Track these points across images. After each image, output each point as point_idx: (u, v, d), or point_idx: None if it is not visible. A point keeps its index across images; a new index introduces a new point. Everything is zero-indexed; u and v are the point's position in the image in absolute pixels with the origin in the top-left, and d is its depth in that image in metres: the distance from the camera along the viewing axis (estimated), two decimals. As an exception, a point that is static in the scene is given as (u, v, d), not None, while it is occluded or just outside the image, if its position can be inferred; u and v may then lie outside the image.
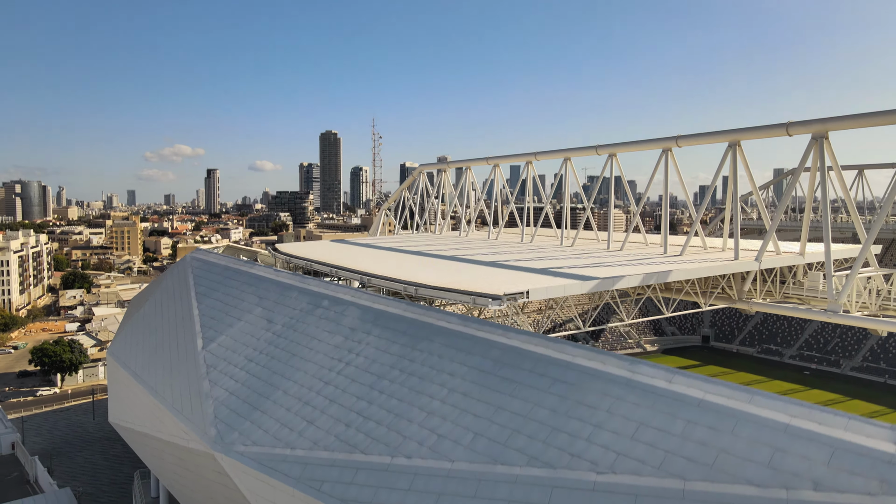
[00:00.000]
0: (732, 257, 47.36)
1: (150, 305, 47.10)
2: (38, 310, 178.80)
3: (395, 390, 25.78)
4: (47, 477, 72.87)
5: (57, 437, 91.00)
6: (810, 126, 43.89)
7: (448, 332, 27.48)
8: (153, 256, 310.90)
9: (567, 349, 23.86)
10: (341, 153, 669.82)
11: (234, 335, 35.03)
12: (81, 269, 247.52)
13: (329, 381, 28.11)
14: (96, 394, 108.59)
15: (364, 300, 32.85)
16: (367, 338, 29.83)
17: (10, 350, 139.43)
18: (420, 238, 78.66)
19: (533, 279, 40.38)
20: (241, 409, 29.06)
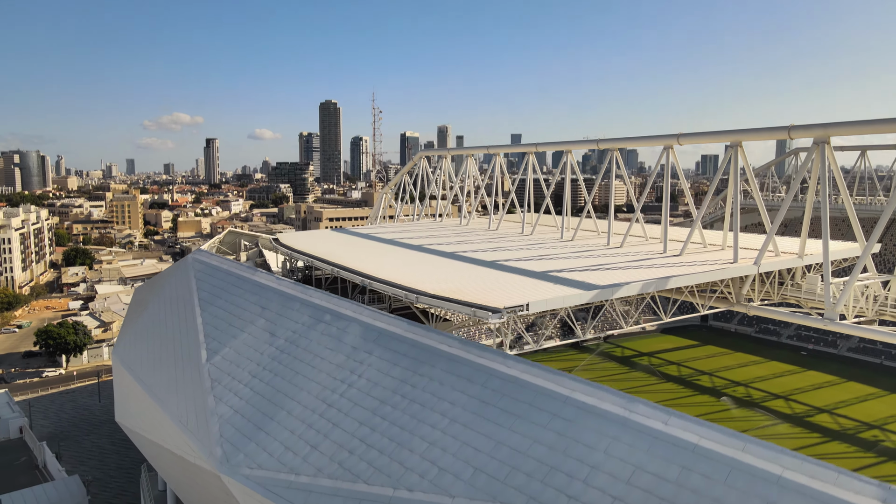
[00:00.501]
0: (731, 257, 47.58)
1: (153, 308, 47.54)
2: (41, 287, 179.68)
3: (397, 417, 26.30)
4: (56, 463, 74.26)
5: (64, 421, 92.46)
6: (812, 130, 43.70)
7: (449, 357, 27.89)
8: (154, 230, 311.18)
9: (565, 382, 24.27)
10: (341, 123, 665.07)
11: (238, 348, 35.50)
12: (83, 243, 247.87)
13: (332, 404, 28.63)
14: (101, 375, 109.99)
15: (366, 317, 33.21)
16: (368, 358, 30.27)
17: (14, 329, 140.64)
18: (421, 227, 78.73)
19: (532, 287, 40.68)
20: (246, 428, 29.65)
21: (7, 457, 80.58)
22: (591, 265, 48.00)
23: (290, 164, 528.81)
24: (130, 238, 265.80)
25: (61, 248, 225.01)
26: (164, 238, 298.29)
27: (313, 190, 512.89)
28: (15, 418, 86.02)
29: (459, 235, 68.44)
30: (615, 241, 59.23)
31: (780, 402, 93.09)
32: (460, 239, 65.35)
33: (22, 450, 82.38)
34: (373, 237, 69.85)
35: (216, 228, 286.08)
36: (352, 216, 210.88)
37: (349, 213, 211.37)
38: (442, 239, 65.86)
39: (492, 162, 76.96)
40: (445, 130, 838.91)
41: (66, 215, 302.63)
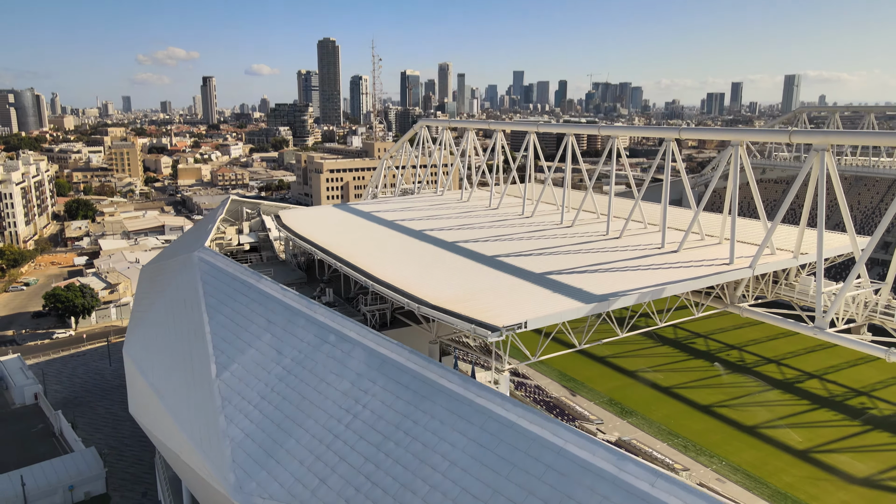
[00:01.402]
0: (728, 251, 48.33)
1: (161, 307, 48.80)
2: (45, 241, 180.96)
3: (400, 455, 27.81)
4: (72, 433, 77.30)
5: (77, 386, 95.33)
6: (812, 136, 43.75)
7: (449, 394, 29.19)
8: (154, 177, 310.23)
9: (561, 432, 25.61)
10: (340, 62, 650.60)
11: (246, 365, 36.85)
12: (84, 193, 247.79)
13: (338, 435, 30.14)
14: (111, 337, 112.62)
15: (369, 340, 34.37)
16: (373, 387, 31.61)
17: (21, 287, 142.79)
18: (422, 203, 79.05)
19: (531, 294, 41.72)
20: (257, 455, 31.30)
21: (24, 424, 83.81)
22: (590, 264, 48.82)
23: (290, 106, 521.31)
24: (131, 187, 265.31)
25: (63, 199, 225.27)
26: (165, 185, 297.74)
27: (313, 132, 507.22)
28: (30, 385, 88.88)
29: (461, 217, 68.93)
30: (615, 225, 59.76)
31: (772, 367, 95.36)
32: (461, 223, 65.90)
33: (38, 416, 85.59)
34: (375, 217, 70.37)
35: (216, 176, 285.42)
36: (352, 167, 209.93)
37: (349, 165, 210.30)
38: (443, 222, 66.43)
39: (493, 138, 76.58)
40: (447, 68, 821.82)
41: (65, 161, 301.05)
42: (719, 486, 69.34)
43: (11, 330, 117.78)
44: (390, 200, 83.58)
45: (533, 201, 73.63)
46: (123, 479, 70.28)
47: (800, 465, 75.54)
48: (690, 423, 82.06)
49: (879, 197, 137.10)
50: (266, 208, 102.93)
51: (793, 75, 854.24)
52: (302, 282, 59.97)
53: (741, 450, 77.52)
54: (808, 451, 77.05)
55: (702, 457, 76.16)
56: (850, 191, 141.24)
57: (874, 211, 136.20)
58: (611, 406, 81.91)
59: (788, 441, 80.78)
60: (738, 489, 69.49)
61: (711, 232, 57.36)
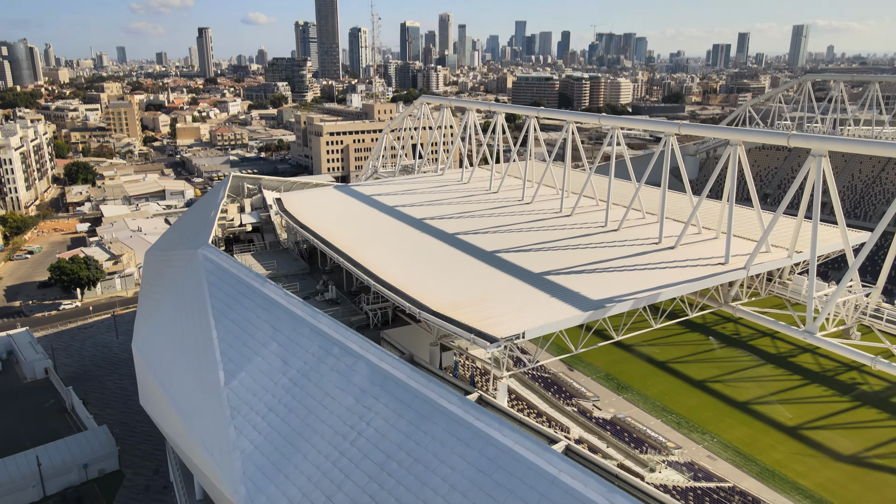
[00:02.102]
0: (723, 252, 49.19)
1: (168, 306, 49.96)
2: (46, 206, 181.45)
3: (402, 476, 29.32)
4: (84, 410, 79.63)
5: (86, 359, 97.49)
6: (810, 141, 44.06)
7: (449, 416, 30.53)
8: (152, 136, 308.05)
9: (555, 461, 26.99)
10: (338, 13, 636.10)
11: (253, 374, 38.19)
12: (83, 154, 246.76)
13: (343, 452, 31.64)
14: (116, 309, 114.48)
15: (372, 355, 35.57)
16: (376, 404, 32.97)
17: (26, 256, 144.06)
18: (423, 185, 79.39)
19: (528, 298, 42.81)
20: (266, 468, 32.89)
21: (36, 399, 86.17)
22: (588, 263, 49.71)
23: (287, 60, 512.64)
24: (130, 147, 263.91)
25: (62, 162, 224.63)
26: (164, 145, 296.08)
27: (312, 87, 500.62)
28: (40, 360, 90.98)
29: (461, 203, 69.44)
30: (614, 214, 60.37)
31: (766, 341, 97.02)
32: (461, 210, 66.47)
33: (49, 392, 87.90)
34: (376, 203, 70.92)
35: (215, 136, 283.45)
36: (352, 130, 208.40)
37: (349, 127, 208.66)
38: (444, 209, 67.01)
39: (493, 121, 76.34)
40: (447, 19, 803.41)
41: (62, 120, 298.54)
42: (710, 463, 71.80)
43: (19, 301, 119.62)
44: (391, 181, 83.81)
45: (533, 183, 73.98)
46: (135, 456, 72.84)
47: (788, 442, 78.02)
48: (684, 398, 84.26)
49: (881, 166, 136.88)
50: (267, 183, 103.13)
51: (801, 25, 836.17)
52: (305, 272, 60.97)
53: (733, 426, 79.93)
54: (797, 428, 79.42)
55: (694, 433, 78.53)
56: (852, 160, 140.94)
57: (874, 181, 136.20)
58: (607, 381, 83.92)
59: (779, 417, 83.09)
60: (728, 466, 71.95)
61: (709, 223, 58.03)
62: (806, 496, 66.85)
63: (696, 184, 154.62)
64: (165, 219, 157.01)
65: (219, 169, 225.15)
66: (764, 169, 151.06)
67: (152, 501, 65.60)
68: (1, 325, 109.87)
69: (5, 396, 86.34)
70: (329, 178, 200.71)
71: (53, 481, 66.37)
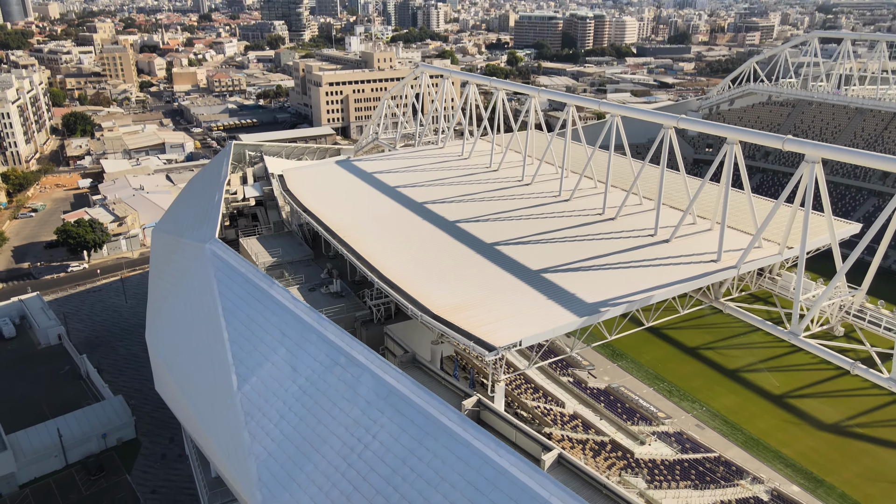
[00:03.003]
0: (716, 247, 50.63)
1: (177, 300, 51.91)
2: (47, 161, 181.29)
3: (406, 491, 31.82)
4: (99, 378, 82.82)
5: (97, 325, 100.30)
6: (805, 147, 44.83)
7: (450, 434, 32.80)
8: (148, 80, 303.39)
9: (548, 485, 29.36)
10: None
11: (265, 379, 40.38)
12: (79, 102, 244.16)
13: (352, 464, 34.10)
14: (124, 271, 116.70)
15: (376, 367, 37.62)
16: (381, 418, 35.24)
17: (30, 214, 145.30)
18: (423, 161, 79.96)
19: (526, 302, 44.65)
20: (280, 476, 35.47)
21: (51, 365, 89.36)
22: (584, 259, 51.22)
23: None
24: (126, 94, 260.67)
25: (59, 111, 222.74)
26: (161, 90, 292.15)
27: (309, 26, 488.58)
28: (53, 327, 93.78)
29: (461, 185, 70.32)
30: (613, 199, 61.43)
31: (758, 304, 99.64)
32: (462, 193, 67.45)
33: (63, 358, 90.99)
34: (378, 182, 71.77)
35: (212, 82, 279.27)
36: (352, 80, 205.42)
37: (349, 77, 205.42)
38: (444, 191, 68.01)
39: (493, 98, 76.24)
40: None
41: (55, 63, 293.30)
42: (698, 433, 75.38)
43: (27, 262, 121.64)
44: (393, 157, 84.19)
45: (533, 159, 74.64)
46: (151, 424, 76.35)
47: (774, 411, 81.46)
48: (676, 366, 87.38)
49: (884, 125, 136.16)
50: (268, 149, 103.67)
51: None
52: (309, 258, 62.53)
53: (721, 395, 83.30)
54: (783, 396, 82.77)
55: (684, 402, 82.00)
56: (855, 118, 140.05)
57: (877, 139, 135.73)
58: (603, 349, 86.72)
59: (766, 385, 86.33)
60: (715, 435, 75.65)
61: (704, 210, 59.18)
62: (787, 465, 70.73)
63: (699, 140, 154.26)
64: (167, 175, 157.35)
65: (217, 119, 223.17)
66: (767, 125, 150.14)
67: (169, 469, 69.33)
68: (12, 288, 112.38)
69: (22, 363, 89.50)
70: (329, 129, 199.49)
71: (74, 450, 69.97)
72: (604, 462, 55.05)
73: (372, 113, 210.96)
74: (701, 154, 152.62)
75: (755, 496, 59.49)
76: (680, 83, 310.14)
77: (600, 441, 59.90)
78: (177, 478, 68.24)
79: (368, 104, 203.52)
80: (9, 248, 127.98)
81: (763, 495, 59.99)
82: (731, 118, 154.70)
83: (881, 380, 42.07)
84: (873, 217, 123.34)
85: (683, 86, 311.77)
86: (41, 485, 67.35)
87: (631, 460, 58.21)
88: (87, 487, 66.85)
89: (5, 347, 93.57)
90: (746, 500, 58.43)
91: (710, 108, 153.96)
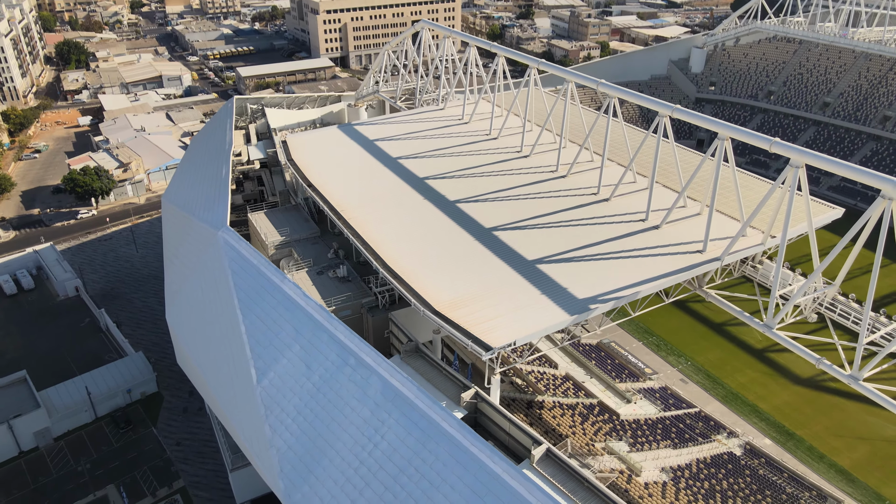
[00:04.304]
0: (703, 235, 53.43)
1: (194, 284, 55.32)
2: (44, 95, 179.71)
3: (412, 490, 36.37)
4: (119, 333, 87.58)
5: (111, 276, 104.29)
6: (790, 151, 46.75)
7: (450, 440, 37.03)
8: (139, 1, 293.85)
9: (535, 491, 33.77)
10: None
11: (281, 375, 44.37)
12: (70, 26, 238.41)
13: (363, 462, 38.58)
14: (132, 218, 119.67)
15: (383, 370, 41.46)
16: (388, 419, 39.41)
17: (34, 155, 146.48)
18: (424, 126, 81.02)
19: (521, 298, 48.04)
20: (299, 468, 40.07)
21: (71, 318, 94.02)
22: (577, 248, 54.07)
23: None
24: (118, 17, 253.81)
25: (52, 38, 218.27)
26: (153, 10, 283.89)
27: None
28: (70, 279, 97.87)
29: (461, 157, 71.96)
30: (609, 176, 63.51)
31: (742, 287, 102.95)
32: (462, 167, 69.29)
33: (82, 310, 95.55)
34: (379, 152, 73.42)
35: (205, 2, 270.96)
36: (350, 6, 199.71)
37: (347, 4, 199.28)
38: (445, 164, 69.86)
39: (495, 61, 76.44)
40: None
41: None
42: (682, 387, 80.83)
43: (37, 208, 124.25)
44: (393, 120, 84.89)
45: (533, 125, 75.92)
46: (171, 379, 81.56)
47: (755, 365, 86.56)
48: (665, 320, 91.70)
49: (889, 66, 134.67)
50: (269, 101, 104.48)
51: None
52: (316, 236, 65.34)
53: (706, 349, 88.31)
54: (764, 350, 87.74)
55: (671, 356, 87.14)
56: (860, 59, 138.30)
57: (880, 81, 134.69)
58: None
59: (749, 339, 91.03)
60: (697, 390, 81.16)
61: (695, 192, 61.38)
62: (762, 419, 76.50)
63: (702, 77, 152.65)
64: (167, 113, 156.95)
65: (213, 46, 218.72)
66: (772, 63, 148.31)
67: (191, 423, 75.00)
68: (24, 236, 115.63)
69: (43, 315, 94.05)
70: (328, 61, 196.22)
71: (102, 405, 75.46)
72: (591, 427, 60.15)
73: (371, 42, 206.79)
74: (704, 93, 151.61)
75: (729, 451, 65.00)
76: (688, 2, 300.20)
77: (589, 404, 64.89)
78: (199, 430, 73.98)
79: (368, 33, 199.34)
80: (17, 192, 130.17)
81: (737, 450, 65.52)
82: (736, 55, 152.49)
83: (843, 377, 46.00)
84: (871, 162, 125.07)
85: (692, 5, 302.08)
86: (74, 437, 73.21)
87: (616, 422, 63.41)
88: (118, 440, 72.71)
89: (26, 299, 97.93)
90: (720, 456, 64.03)
91: (715, 46, 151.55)
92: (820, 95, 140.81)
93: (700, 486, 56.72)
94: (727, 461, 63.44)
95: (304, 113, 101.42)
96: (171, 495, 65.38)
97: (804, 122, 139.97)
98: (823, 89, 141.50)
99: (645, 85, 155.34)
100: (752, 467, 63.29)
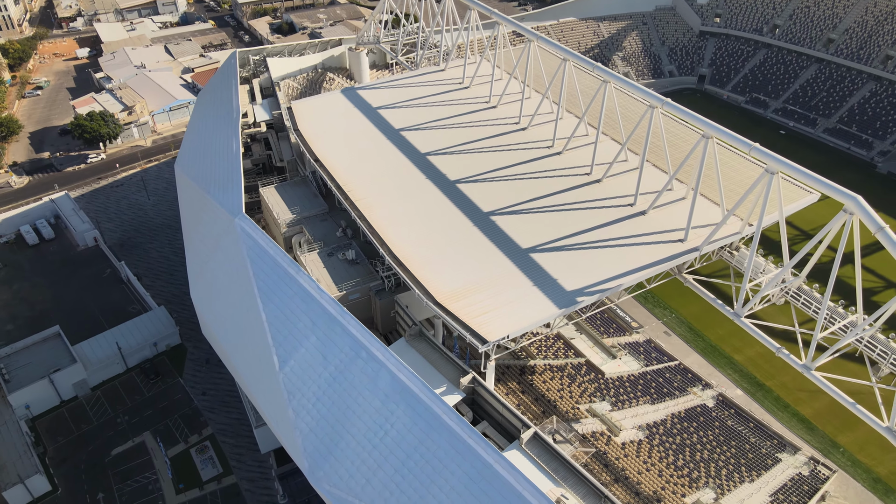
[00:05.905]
0: (685, 223, 57.68)
1: (215, 269, 60.23)
2: (41, 28, 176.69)
3: (418, 473, 42.88)
4: (140, 286, 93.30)
5: (126, 224, 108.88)
6: (768, 159, 50.14)
7: (450, 432, 43.13)
8: None
9: (521, 480, 40.14)
10: None
11: (301, 363, 50.05)
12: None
13: (375, 446, 44.93)
14: (141, 163, 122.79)
15: (392, 364, 47.05)
16: (396, 410, 45.42)
17: (37, 92, 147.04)
18: (425, 91, 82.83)
19: (515, 289, 53.01)
20: (320, 449, 46.52)
21: (92, 268, 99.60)
22: (567, 236, 58.39)
23: None
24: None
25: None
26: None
27: None
28: (88, 230, 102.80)
29: (461, 129, 74.59)
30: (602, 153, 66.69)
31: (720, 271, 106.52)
32: (462, 141, 72.18)
33: (102, 260, 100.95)
34: (382, 122, 75.99)
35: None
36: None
37: None
38: (446, 138, 72.71)
39: (494, 31, 77.35)
40: None
41: None
42: (665, 340, 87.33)
43: (46, 152, 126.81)
44: (395, 84, 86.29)
45: (531, 91, 78.02)
46: (192, 331, 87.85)
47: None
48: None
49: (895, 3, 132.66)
50: (271, 51, 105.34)
51: None
52: (324, 213, 69.35)
53: (690, 302, 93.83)
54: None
55: (657, 309, 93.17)
56: None
57: (886, 18, 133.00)
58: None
59: (731, 293, 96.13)
60: (679, 342, 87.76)
61: (683, 174, 64.84)
62: (736, 370, 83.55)
63: (707, 9, 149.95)
64: (165, 47, 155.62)
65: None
66: None
67: (214, 374, 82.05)
68: (38, 181, 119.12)
69: (66, 266, 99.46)
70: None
71: (132, 357, 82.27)
72: (577, 389, 66.71)
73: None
74: (708, 25, 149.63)
75: (703, 403, 71.98)
76: None
77: (577, 364, 71.24)
78: (221, 381, 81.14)
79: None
80: (25, 134, 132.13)
81: (710, 402, 72.49)
82: None
83: (797, 365, 51.68)
84: (868, 103, 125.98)
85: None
86: (109, 387, 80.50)
87: (601, 381, 69.95)
88: (148, 389, 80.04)
89: (48, 249, 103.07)
90: (694, 409, 71.03)
91: None
92: (825, 31, 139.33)
93: (672, 441, 63.74)
94: (699, 413, 70.30)
95: (305, 59, 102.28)
96: (201, 441, 73.30)
97: (807, 59, 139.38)
98: (829, 24, 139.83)
99: (649, 16, 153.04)
100: (722, 419, 70.28)
